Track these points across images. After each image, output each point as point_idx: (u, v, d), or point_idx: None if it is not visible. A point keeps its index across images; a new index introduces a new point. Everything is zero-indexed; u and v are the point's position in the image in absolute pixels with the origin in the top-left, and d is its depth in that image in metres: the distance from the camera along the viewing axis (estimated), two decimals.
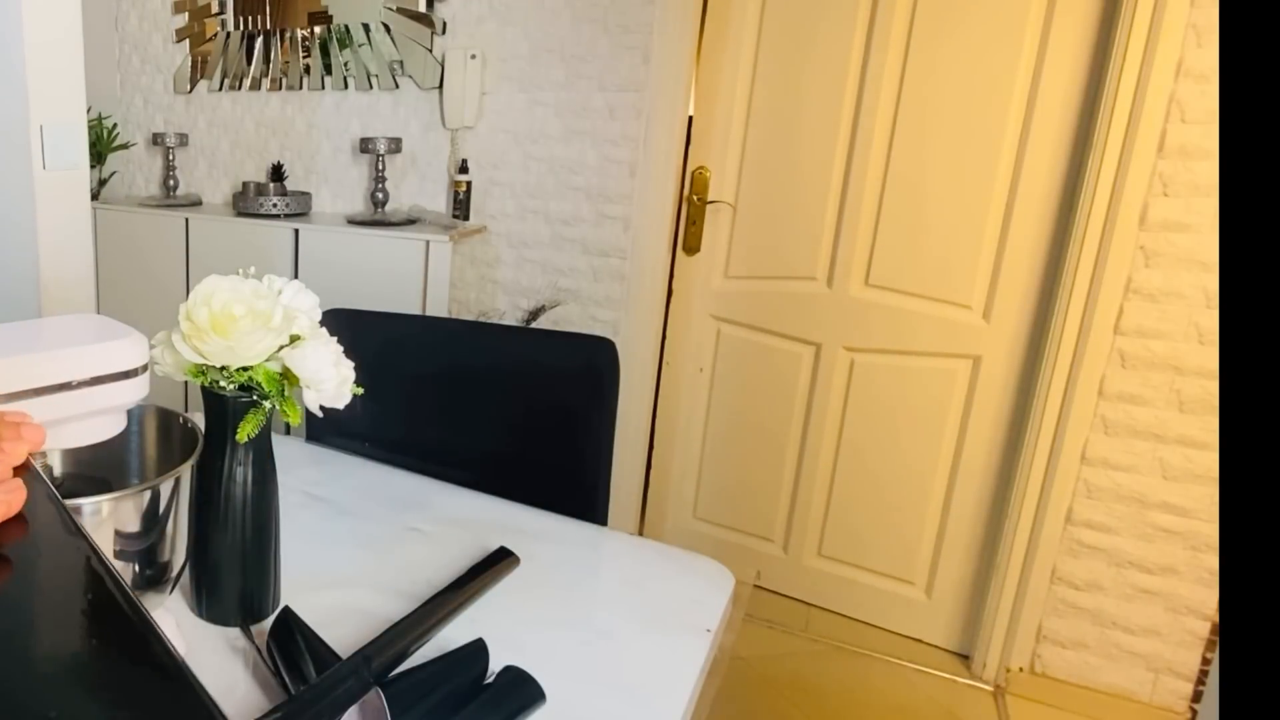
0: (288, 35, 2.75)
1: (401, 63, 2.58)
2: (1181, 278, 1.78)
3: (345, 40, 2.65)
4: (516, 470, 1.29)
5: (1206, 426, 1.80)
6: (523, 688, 0.71)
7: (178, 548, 0.73)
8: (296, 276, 2.50)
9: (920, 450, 2.14)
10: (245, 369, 0.73)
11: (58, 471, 0.77)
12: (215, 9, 2.87)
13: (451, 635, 0.78)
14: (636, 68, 2.26)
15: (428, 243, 2.33)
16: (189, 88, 2.98)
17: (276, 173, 2.85)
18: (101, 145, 2.94)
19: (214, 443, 0.77)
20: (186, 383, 0.75)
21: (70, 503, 0.62)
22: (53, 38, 1.76)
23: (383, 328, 1.45)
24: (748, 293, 2.33)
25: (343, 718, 0.64)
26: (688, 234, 2.35)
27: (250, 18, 2.81)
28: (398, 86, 2.60)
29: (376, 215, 2.54)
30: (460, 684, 0.71)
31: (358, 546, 1.01)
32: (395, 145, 2.57)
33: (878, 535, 2.23)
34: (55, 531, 0.34)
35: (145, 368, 0.68)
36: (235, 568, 0.80)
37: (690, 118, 2.28)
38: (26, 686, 0.27)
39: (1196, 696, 1.89)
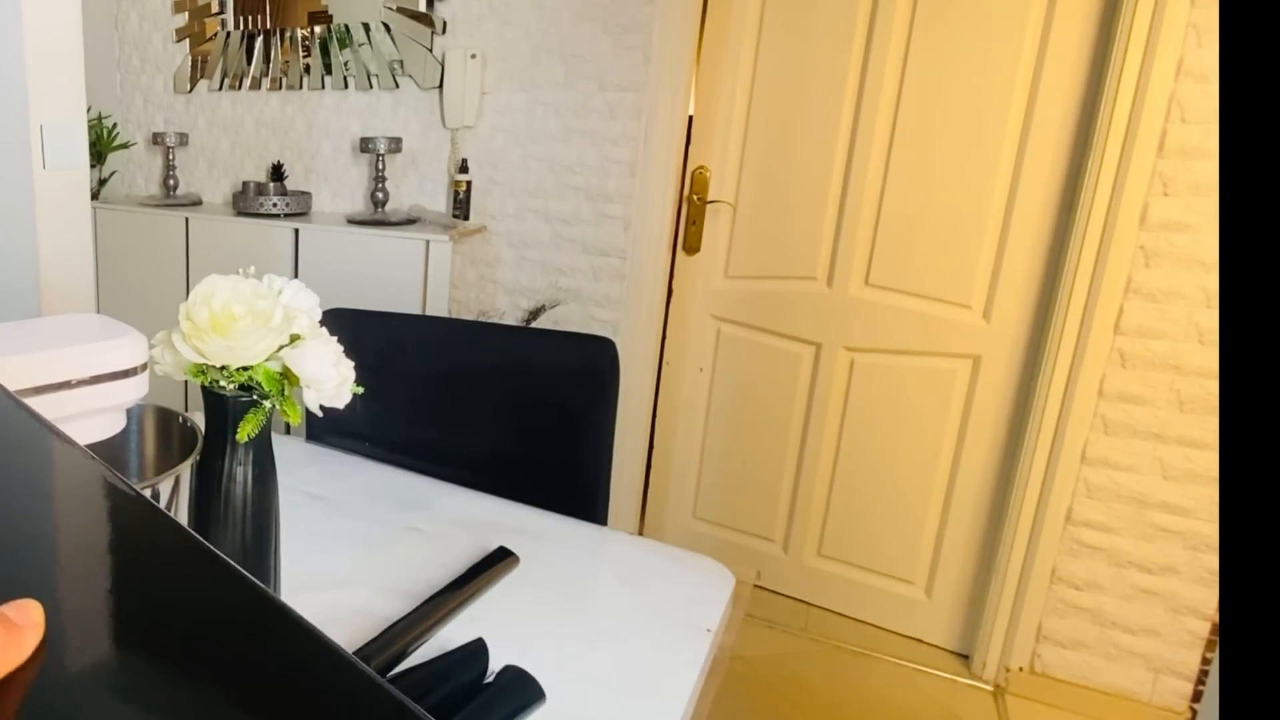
0: (288, 35, 2.75)
1: (401, 62, 2.58)
2: (1181, 278, 1.78)
3: (345, 40, 2.65)
4: (516, 470, 1.29)
5: (1206, 426, 1.80)
6: (523, 687, 0.71)
7: None
8: (296, 276, 2.49)
9: (920, 450, 2.14)
10: (245, 369, 0.73)
11: None
12: (215, 9, 2.87)
13: (451, 635, 0.78)
14: (636, 68, 2.26)
15: (428, 242, 2.33)
16: (189, 87, 2.98)
17: (276, 172, 2.85)
18: (101, 145, 2.94)
19: (214, 442, 0.77)
20: (186, 382, 0.75)
21: None
22: (53, 38, 1.76)
23: (383, 327, 1.45)
24: (748, 292, 2.33)
25: None
26: (688, 234, 2.35)
27: (250, 17, 2.81)
28: (398, 86, 2.60)
29: (376, 215, 2.54)
30: (460, 684, 0.71)
31: (358, 546, 1.01)
32: (395, 145, 2.57)
33: (878, 535, 2.23)
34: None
35: (144, 367, 0.68)
36: None
37: (690, 118, 2.28)
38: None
39: (1196, 696, 1.88)
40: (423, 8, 2.51)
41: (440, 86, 2.52)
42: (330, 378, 0.75)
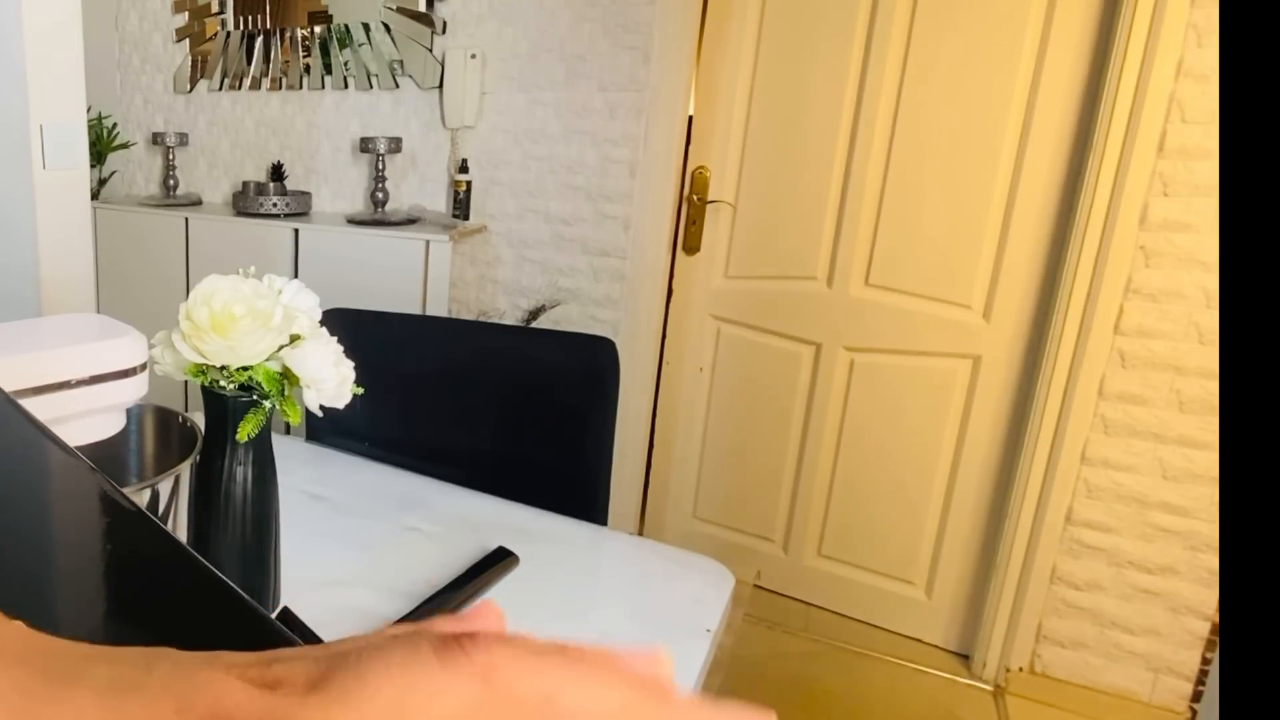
0: (288, 35, 2.75)
1: (401, 62, 2.58)
2: (1181, 278, 1.78)
3: (345, 40, 2.65)
4: (517, 470, 1.29)
5: (1206, 426, 1.80)
6: None
7: None
8: (296, 276, 2.49)
9: (920, 450, 2.14)
10: (245, 369, 0.73)
11: None
12: (215, 8, 2.87)
13: None
14: (636, 68, 2.26)
15: (428, 242, 2.33)
16: (189, 87, 2.98)
17: (276, 172, 2.85)
18: (101, 145, 2.94)
19: (214, 442, 0.77)
20: (186, 382, 0.75)
21: None
22: (53, 37, 1.76)
23: (383, 327, 1.45)
24: (748, 292, 2.33)
25: None
26: (688, 234, 2.35)
27: (250, 17, 2.81)
28: (398, 86, 2.60)
29: (376, 215, 2.54)
30: None
31: (358, 546, 1.01)
32: (395, 145, 2.57)
33: (878, 535, 2.23)
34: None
35: (144, 366, 0.68)
36: (235, 567, 0.80)
37: (690, 118, 2.28)
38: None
39: (1196, 696, 1.88)
40: (423, 8, 2.51)
41: (440, 86, 2.52)
42: (330, 378, 0.75)
